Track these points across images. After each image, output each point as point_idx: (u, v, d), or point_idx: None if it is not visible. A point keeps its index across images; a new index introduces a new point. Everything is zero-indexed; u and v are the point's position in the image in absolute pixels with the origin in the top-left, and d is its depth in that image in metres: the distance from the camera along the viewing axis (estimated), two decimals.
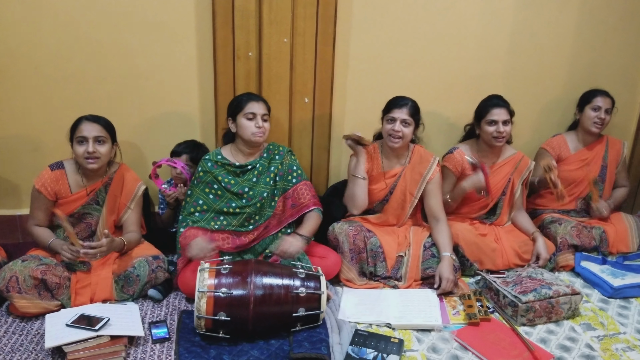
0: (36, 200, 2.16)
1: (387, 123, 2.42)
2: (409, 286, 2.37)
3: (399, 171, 2.52)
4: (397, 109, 2.39)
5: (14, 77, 2.42)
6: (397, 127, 2.38)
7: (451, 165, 2.61)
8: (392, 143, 2.42)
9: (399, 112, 2.38)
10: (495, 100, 2.57)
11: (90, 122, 2.13)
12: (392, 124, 2.40)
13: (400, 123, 2.38)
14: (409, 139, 2.45)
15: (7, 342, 1.85)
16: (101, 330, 1.78)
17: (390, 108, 2.42)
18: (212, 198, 2.32)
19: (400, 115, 2.38)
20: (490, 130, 2.54)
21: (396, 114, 2.38)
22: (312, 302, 1.94)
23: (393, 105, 2.41)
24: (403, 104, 2.39)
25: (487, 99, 2.61)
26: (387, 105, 2.45)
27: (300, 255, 2.30)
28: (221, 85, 2.53)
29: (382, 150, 2.54)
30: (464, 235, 2.54)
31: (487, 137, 2.56)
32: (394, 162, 2.53)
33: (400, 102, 2.41)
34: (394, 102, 2.43)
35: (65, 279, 2.04)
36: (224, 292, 1.84)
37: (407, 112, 2.38)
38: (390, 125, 2.40)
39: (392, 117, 2.39)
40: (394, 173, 2.52)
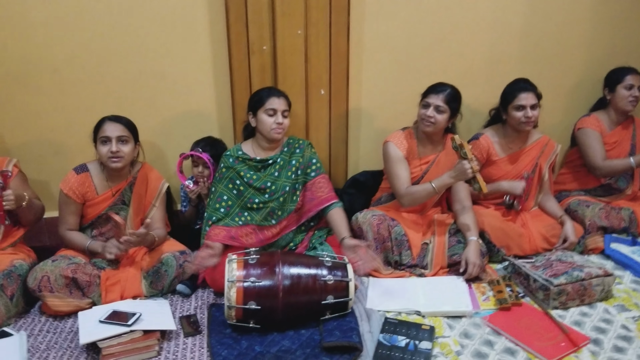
0: (65, 205, 2.19)
1: (422, 107, 2.39)
2: (436, 274, 2.34)
3: (432, 158, 2.48)
4: (433, 95, 2.35)
5: (33, 81, 2.45)
6: (429, 113, 2.35)
7: (476, 151, 2.57)
8: (424, 126, 2.38)
9: (435, 98, 2.35)
10: (522, 84, 2.51)
11: (113, 122, 2.15)
12: (426, 109, 2.36)
13: (434, 109, 2.35)
14: (442, 126, 2.41)
15: (42, 340, 1.88)
16: (134, 325, 1.80)
17: (428, 93, 2.38)
18: (236, 194, 2.32)
19: (434, 101, 2.34)
20: (518, 115, 2.49)
21: (431, 99, 2.35)
22: (340, 290, 1.94)
23: (431, 90, 2.38)
24: (440, 90, 2.35)
25: (514, 83, 2.55)
26: (426, 90, 2.41)
27: (324, 247, 2.29)
28: (237, 80, 2.53)
29: (417, 136, 2.49)
30: (490, 221, 2.50)
31: (515, 122, 2.52)
32: (428, 148, 2.49)
33: (438, 88, 2.37)
34: (432, 87, 2.39)
35: (95, 276, 2.06)
36: (252, 282, 1.85)
37: (442, 98, 2.34)
38: (423, 110, 2.37)
39: (427, 102, 2.36)
40: (428, 159, 2.48)
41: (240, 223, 2.29)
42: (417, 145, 2.48)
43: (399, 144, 2.44)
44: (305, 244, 2.38)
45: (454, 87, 2.39)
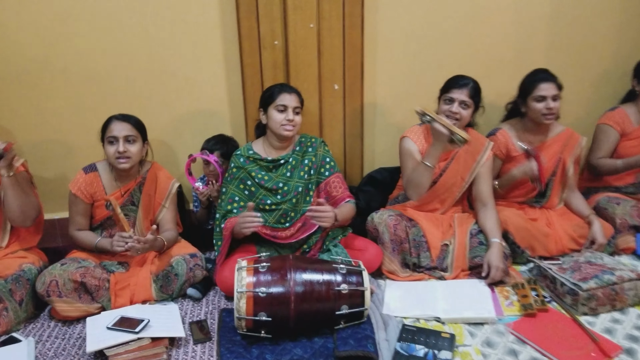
0: (74, 205, 2.15)
1: (445, 103, 2.27)
2: (456, 277, 2.25)
3: (452, 153, 2.37)
4: (456, 89, 2.23)
5: (43, 81, 2.42)
6: (454, 109, 2.23)
7: (494, 147, 2.45)
8: None
9: (459, 93, 2.23)
10: (542, 75, 2.39)
11: (120, 122, 2.10)
12: (450, 104, 2.25)
13: (459, 105, 2.23)
14: (467, 122, 2.30)
15: (50, 346, 1.84)
16: (142, 332, 1.75)
17: (450, 87, 2.26)
18: (247, 194, 2.25)
19: (459, 96, 2.23)
20: (538, 107, 2.37)
21: (455, 94, 2.23)
22: (355, 298, 1.85)
23: (452, 85, 2.26)
24: (463, 84, 2.23)
25: (533, 73, 2.43)
26: (446, 84, 2.29)
27: (338, 249, 2.21)
28: (248, 76, 2.46)
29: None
30: (513, 220, 2.39)
31: (535, 114, 2.39)
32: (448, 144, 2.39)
33: (460, 81, 2.25)
34: (453, 81, 2.27)
35: (104, 280, 2.02)
36: (263, 292, 1.77)
37: (467, 93, 2.22)
38: (447, 106, 2.25)
39: (451, 97, 2.24)
40: (447, 156, 2.37)
41: None
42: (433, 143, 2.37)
43: (416, 139, 2.35)
44: (319, 246, 2.30)
45: (474, 79, 2.28)
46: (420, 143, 2.34)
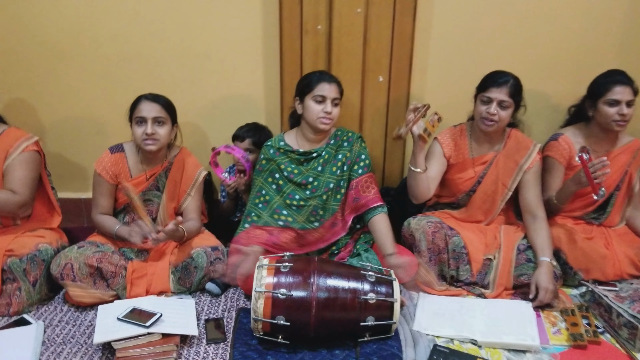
0: (98, 186, 2.08)
1: (482, 104, 2.07)
2: (498, 295, 2.04)
3: (490, 157, 2.17)
4: (494, 88, 2.03)
5: (76, 57, 2.37)
6: (492, 110, 2.03)
7: (556, 154, 2.21)
8: (485, 127, 2.07)
9: (497, 92, 2.02)
10: (619, 77, 2.12)
11: (150, 102, 2.01)
12: (488, 105, 2.05)
13: (497, 105, 2.03)
14: (506, 123, 2.10)
15: (59, 332, 1.78)
16: (152, 327, 1.65)
17: (487, 86, 2.06)
18: (275, 189, 2.12)
19: (497, 96, 2.02)
20: (610, 112, 2.11)
21: (493, 93, 2.03)
22: (382, 310, 1.70)
23: (490, 83, 2.05)
24: (502, 82, 2.03)
25: (607, 74, 2.16)
26: (483, 82, 2.09)
27: (369, 254, 2.04)
28: (287, 63, 2.32)
29: (471, 133, 2.20)
30: (567, 238, 2.15)
31: (605, 120, 2.14)
32: (485, 147, 2.18)
33: (499, 79, 2.04)
34: (491, 78, 2.07)
35: (121, 267, 1.94)
36: (282, 294, 1.64)
37: (506, 92, 2.01)
38: (484, 107, 2.06)
39: (488, 97, 2.04)
40: (485, 160, 2.17)
41: (280, 224, 2.08)
42: (468, 145, 2.18)
43: (444, 142, 2.18)
44: (350, 249, 2.15)
45: (514, 75, 2.06)
46: (448, 145, 2.17)
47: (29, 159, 2.00)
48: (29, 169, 2.00)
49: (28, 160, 2.00)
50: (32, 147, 2.03)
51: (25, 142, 2.01)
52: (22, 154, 1.98)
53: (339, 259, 2.12)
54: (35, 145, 2.04)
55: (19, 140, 2.01)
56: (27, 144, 2.01)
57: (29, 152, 2.01)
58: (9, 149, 1.98)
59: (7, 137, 2.01)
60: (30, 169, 2.00)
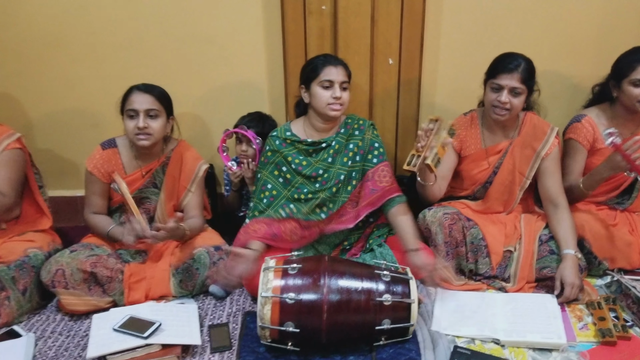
0: (90, 184, 1.95)
1: (492, 91, 1.92)
2: (520, 289, 1.92)
3: (505, 146, 2.03)
4: (505, 74, 1.87)
5: (70, 45, 2.23)
6: (503, 98, 1.88)
7: (579, 136, 2.07)
8: (497, 116, 1.93)
9: (508, 78, 1.87)
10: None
11: (142, 93, 1.87)
12: (498, 93, 1.89)
13: (509, 92, 1.88)
14: (519, 110, 1.95)
15: (52, 344, 1.66)
16: (151, 337, 1.54)
17: (497, 72, 1.90)
18: (282, 182, 1.98)
19: (509, 83, 1.87)
20: (636, 92, 1.96)
21: (503, 80, 1.87)
22: (399, 311, 1.58)
23: (500, 69, 1.89)
24: (513, 67, 1.87)
25: (632, 52, 2.00)
26: (493, 67, 1.94)
27: (383, 250, 1.92)
28: (291, 46, 2.17)
29: (483, 121, 2.05)
30: (591, 225, 2.01)
31: (630, 101, 1.99)
32: (499, 135, 2.04)
33: (509, 63, 1.88)
34: (501, 63, 1.91)
35: (117, 271, 1.82)
36: (291, 298, 1.52)
37: (518, 77, 1.86)
38: (495, 95, 1.90)
39: (498, 84, 1.89)
40: (499, 149, 2.03)
41: (283, 215, 1.95)
42: (480, 134, 2.04)
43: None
44: (362, 244, 2.02)
45: (525, 57, 1.91)
46: (457, 137, 2.05)
47: (12, 157, 1.87)
48: (13, 168, 1.87)
49: (11, 159, 1.86)
50: (15, 145, 1.89)
51: (6, 139, 1.87)
52: (4, 153, 1.85)
53: (351, 255, 2.00)
54: (17, 143, 1.90)
55: (0, 138, 1.87)
56: (9, 141, 1.87)
57: (11, 151, 1.87)
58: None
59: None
60: (14, 169, 1.87)
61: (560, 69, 2.32)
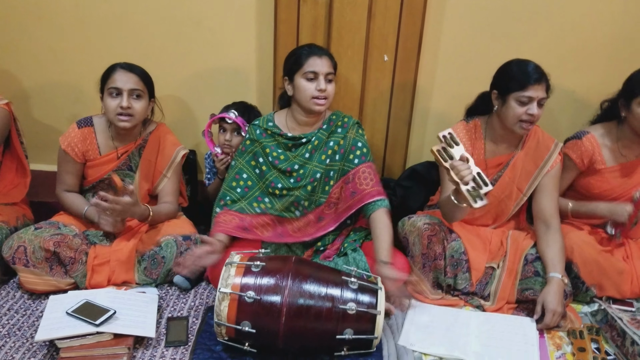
0: (64, 163, 1.91)
1: (519, 105, 1.77)
2: (499, 309, 1.83)
3: (506, 159, 1.92)
4: (535, 85, 1.73)
5: (54, 16, 2.17)
6: (535, 111, 1.75)
7: (575, 154, 1.96)
8: (523, 130, 1.82)
9: (537, 89, 1.74)
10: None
11: (126, 72, 1.81)
12: (527, 106, 1.76)
13: (537, 104, 1.76)
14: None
15: (6, 322, 1.62)
16: (103, 325, 1.48)
17: (524, 83, 1.74)
18: (258, 173, 1.91)
19: (539, 94, 1.74)
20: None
21: (534, 91, 1.74)
22: (363, 322, 1.51)
23: (526, 79, 1.74)
24: (539, 76, 1.74)
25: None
26: (515, 78, 1.76)
27: (357, 255, 1.84)
28: (282, 35, 2.08)
29: (487, 132, 1.94)
30: (582, 249, 1.90)
31: (638, 124, 1.87)
32: (502, 147, 1.93)
33: (534, 73, 1.75)
34: (526, 74, 1.75)
35: (81, 253, 1.77)
36: (250, 297, 1.45)
37: (544, 86, 1.75)
38: (523, 108, 1.76)
39: (529, 96, 1.74)
40: (500, 162, 1.93)
41: (258, 211, 1.88)
42: (484, 145, 1.94)
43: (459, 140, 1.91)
44: (337, 247, 1.94)
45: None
46: (464, 144, 1.90)
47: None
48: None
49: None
50: (2, 106, 1.85)
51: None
52: None
53: (325, 257, 1.93)
54: (5, 106, 1.87)
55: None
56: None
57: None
58: None
59: None
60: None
61: (567, 79, 2.19)
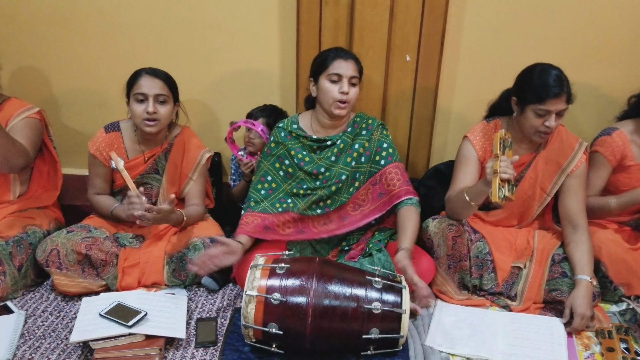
0: (93, 167, 1.95)
1: (537, 117, 1.74)
2: (526, 309, 1.82)
3: (528, 159, 1.90)
4: (554, 100, 1.70)
5: (78, 23, 2.22)
6: (553, 124, 1.72)
7: (607, 151, 1.93)
8: (540, 139, 1.81)
9: (556, 103, 1.70)
10: None
11: (151, 77, 1.84)
12: (544, 118, 1.74)
13: (556, 116, 1.73)
14: None
15: (41, 324, 1.67)
16: (135, 327, 1.52)
17: (543, 97, 1.71)
18: (282, 175, 1.93)
19: (557, 107, 1.71)
20: None
21: (552, 105, 1.71)
22: (388, 321, 1.51)
23: (545, 93, 1.71)
24: (560, 89, 1.70)
25: None
26: (537, 91, 1.73)
27: (381, 255, 1.84)
28: (304, 37, 2.09)
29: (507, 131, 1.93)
30: (609, 248, 1.88)
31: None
32: (523, 147, 1.91)
33: (555, 86, 1.70)
34: (546, 88, 1.71)
35: (112, 255, 1.81)
36: (276, 299, 1.47)
37: (564, 98, 1.71)
38: (540, 120, 1.74)
39: (547, 110, 1.72)
40: (522, 161, 1.90)
41: (280, 210, 1.90)
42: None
43: (476, 142, 1.90)
44: (362, 247, 1.95)
45: (560, 69, 1.75)
46: (482, 148, 1.90)
47: (31, 124, 1.91)
48: (32, 133, 1.91)
49: (30, 125, 1.91)
50: (34, 116, 1.92)
51: (26, 111, 1.90)
52: (25, 119, 1.89)
53: (349, 258, 1.94)
54: (37, 114, 1.94)
55: (20, 110, 1.90)
56: (29, 113, 1.91)
57: (31, 119, 1.91)
58: (9, 119, 1.88)
59: (8, 107, 1.91)
60: (33, 133, 1.91)
61: (590, 75, 2.15)
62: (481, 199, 1.72)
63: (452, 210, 1.86)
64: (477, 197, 1.72)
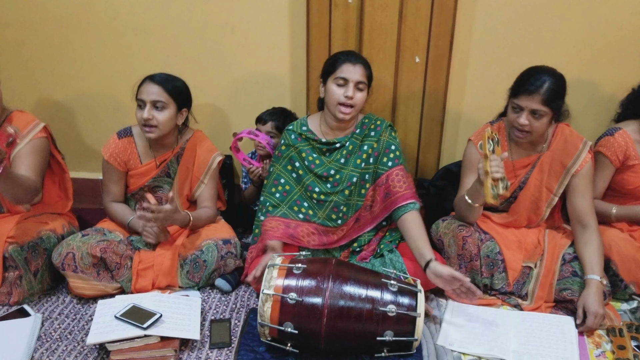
0: (107, 173, 1.97)
1: (512, 111, 1.79)
2: (537, 308, 1.82)
3: (533, 160, 1.91)
4: (525, 96, 1.73)
5: (92, 27, 2.24)
6: (522, 120, 1.75)
7: (609, 151, 1.94)
8: (516, 137, 1.83)
9: (528, 100, 1.73)
10: None
11: (152, 84, 1.84)
12: (517, 113, 1.77)
13: (529, 114, 1.75)
14: (541, 132, 1.82)
15: (57, 326, 1.69)
16: (150, 328, 1.54)
17: (518, 91, 1.76)
18: (295, 178, 1.94)
19: (529, 104, 1.73)
20: None
21: (523, 101, 1.73)
22: (403, 324, 1.52)
23: (521, 89, 1.74)
24: (535, 88, 1.71)
25: None
26: (516, 85, 1.79)
27: (393, 256, 1.86)
28: (314, 39, 2.10)
29: (510, 135, 1.94)
30: (619, 246, 1.88)
31: None
32: (527, 148, 1.92)
33: (531, 84, 1.72)
34: (523, 82, 1.75)
35: (127, 258, 1.83)
36: (292, 299, 1.49)
37: (539, 99, 1.71)
38: (514, 115, 1.78)
39: (518, 104, 1.75)
40: (527, 163, 1.92)
41: (300, 217, 1.92)
42: (508, 146, 1.92)
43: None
44: (373, 248, 1.96)
45: (554, 73, 1.75)
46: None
47: (39, 146, 1.86)
48: (39, 156, 1.86)
49: (37, 148, 1.85)
50: (41, 134, 1.88)
51: (33, 130, 1.86)
52: (31, 142, 1.84)
53: (361, 259, 1.95)
54: (43, 132, 1.89)
55: (26, 129, 1.85)
56: (35, 132, 1.86)
57: (38, 140, 1.86)
58: None
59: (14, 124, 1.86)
60: (40, 157, 1.86)
61: (600, 74, 2.16)
62: (481, 199, 1.73)
63: (459, 214, 1.89)
64: (475, 197, 1.75)
